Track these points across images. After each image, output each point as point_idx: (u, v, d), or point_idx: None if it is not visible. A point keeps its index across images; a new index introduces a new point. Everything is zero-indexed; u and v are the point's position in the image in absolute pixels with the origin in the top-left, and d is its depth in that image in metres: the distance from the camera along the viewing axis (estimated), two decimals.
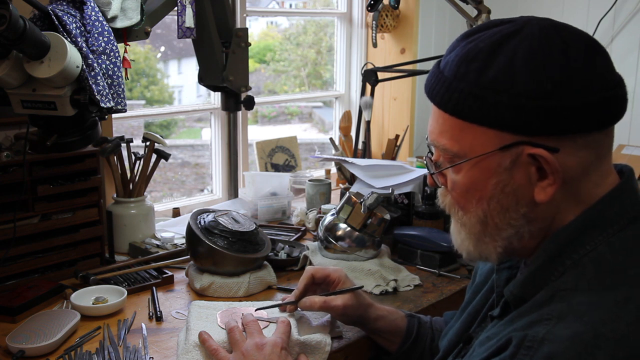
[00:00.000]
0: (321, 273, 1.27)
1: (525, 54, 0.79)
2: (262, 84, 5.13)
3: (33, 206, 1.52)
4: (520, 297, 0.85)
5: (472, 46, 0.83)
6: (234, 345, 1.12)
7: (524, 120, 0.79)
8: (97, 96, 1.25)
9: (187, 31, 1.77)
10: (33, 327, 1.26)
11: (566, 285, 0.79)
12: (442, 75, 0.85)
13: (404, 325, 1.26)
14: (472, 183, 0.86)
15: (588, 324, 0.73)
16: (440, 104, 0.85)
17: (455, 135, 0.84)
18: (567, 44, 0.80)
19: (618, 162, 0.92)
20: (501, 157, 0.82)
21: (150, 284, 1.54)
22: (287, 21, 4.48)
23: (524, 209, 0.84)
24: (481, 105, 0.80)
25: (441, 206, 0.94)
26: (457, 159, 0.86)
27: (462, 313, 1.07)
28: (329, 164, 2.76)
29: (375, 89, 2.42)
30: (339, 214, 1.67)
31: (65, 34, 1.22)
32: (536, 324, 0.76)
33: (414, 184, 1.89)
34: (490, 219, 0.86)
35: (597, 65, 0.80)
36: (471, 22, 2.23)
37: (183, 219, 1.99)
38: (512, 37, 0.81)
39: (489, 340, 0.83)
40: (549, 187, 0.81)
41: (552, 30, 0.81)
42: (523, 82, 0.78)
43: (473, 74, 0.81)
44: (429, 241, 1.69)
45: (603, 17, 2.65)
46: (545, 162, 0.80)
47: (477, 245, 0.89)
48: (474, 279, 1.12)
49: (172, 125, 5.83)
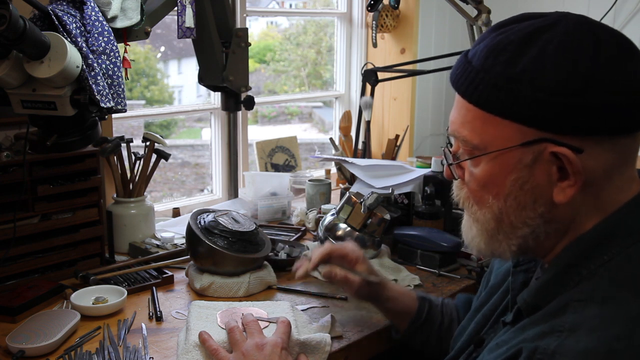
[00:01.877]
0: (338, 252, 1.28)
1: (557, 49, 0.76)
2: (262, 84, 5.13)
3: (33, 206, 1.52)
4: (533, 305, 0.83)
5: (502, 37, 0.81)
6: (234, 345, 1.12)
7: (548, 115, 0.76)
8: (97, 96, 1.24)
9: (187, 31, 1.77)
10: (33, 327, 1.26)
11: (580, 296, 0.77)
12: (469, 65, 0.83)
13: (414, 307, 1.28)
14: (490, 177, 0.83)
15: (601, 339, 0.70)
16: (465, 94, 0.83)
17: (477, 127, 0.82)
18: (600, 41, 0.77)
19: None
20: (522, 153, 0.80)
21: (150, 284, 1.54)
22: (287, 21, 4.48)
23: (542, 208, 0.81)
24: (506, 97, 0.78)
25: (455, 199, 0.92)
26: (477, 151, 0.84)
27: (476, 313, 1.05)
28: (329, 164, 2.76)
29: (375, 89, 2.41)
30: (339, 214, 1.67)
31: (65, 34, 1.22)
32: (548, 335, 0.74)
33: (414, 184, 1.89)
34: (506, 216, 0.83)
35: (629, 66, 0.77)
36: (471, 22, 2.23)
37: (183, 219, 1.99)
38: (545, 31, 0.78)
39: (498, 348, 0.82)
40: (569, 188, 0.79)
41: (586, 26, 0.79)
42: (551, 76, 0.76)
43: (501, 66, 0.79)
44: (429, 241, 1.69)
45: (603, 17, 2.65)
46: (568, 162, 0.77)
47: (489, 242, 0.87)
48: (488, 279, 1.10)
49: (172, 125, 5.82)
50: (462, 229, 0.92)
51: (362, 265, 1.28)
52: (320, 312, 1.41)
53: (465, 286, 1.59)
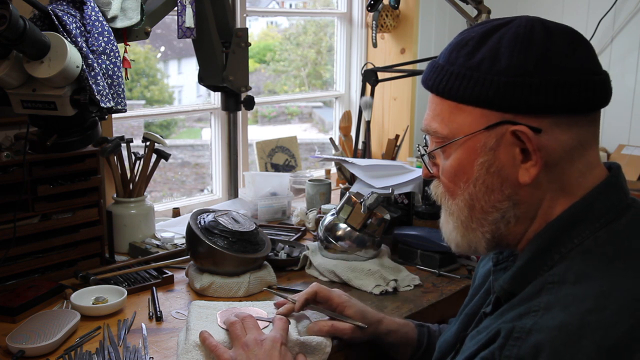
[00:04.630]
0: (324, 294, 1.26)
1: (511, 38, 0.84)
2: (262, 84, 5.13)
3: (33, 206, 1.52)
4: (510, 291, 0.86)
5: (464, 35, 0.89)
6: (234, 339, 1.12)
7: (506, 96, 0.82)
8: (97, 96, 1.25)
9: (187, 31, 1.77)
10: (33, 327, 1.27)
11: (554, 278, 0.81)
12: (436, 63, 0.91)
13: (414, 336, 1.26)
14: (460, 165, 0.89)
15: (575, 314, 0.74)
16: (432, 88, 0.90)
17: (446, 117, 0.88)
18: (550, 32, 0.84)
19: (618, 161, 0.93)
20: (487, 137, 0.85)
21: (150, 284, 1.54)
22: (287, 21, 4.48)
23: (509, 190, 0.86)
24: (467, 84, 0.85)
25: (433, 198, 0.97)
26: (447, 140, 0.89)
27: (461, 314, 1.08)
28: (329, 164, 2.76)
29: (375, 89, 2.41)
30: (339, 214, 1.67)
31: (65, 34, 1.22)
32: (524, 316, 0.78)
33: (414, 184, 1.89)
34: (477, 201, 0.88)
35: (577, 52, 0.84)
36: (471, 22, 2.23)
37: (183, 219, 1.99)
38: (502, 27, 0.86)
39: (479, 334, 0.85)
40: (532, 168, 0.84)
41: (538, 20, 0.86)
42: (506, 61, 0.82)
43: (462, 58, 0.86)
44: (429, 241, 1.69)
45: (603, 17, 2.65)
46: (528, 140, 0.82)
47: (465, 234, 0.91)
48: (473, 282, 1.12)
49: (172, 125, 5.82)
50: (440, 226, 0.97)
51: (350, 309, 1.24)
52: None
53: (465, 286, 1.59)
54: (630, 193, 0.89)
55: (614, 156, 2.68)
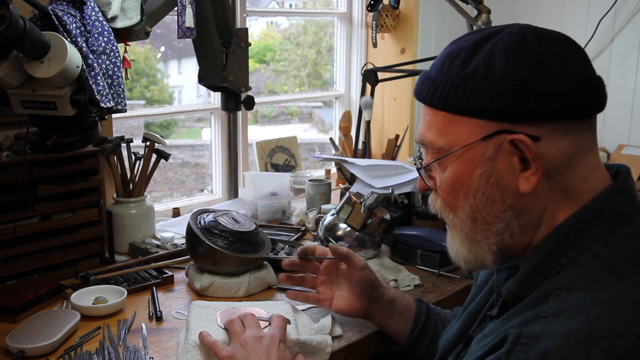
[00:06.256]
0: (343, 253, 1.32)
1: (504, 46, 0.83)
2: (262, 84, 5.13)
3: (33, 206, 1.52)
4: (517, 295, 0.85)
5: (456, 45, 0.88)
6: (233, 336, 1.12)
7: (502, 105, 0.81)
8: (97, 96, 1.25)
9: (187, 31, 1.77)
10: (33, 327, 1.27)
11: (562, 283, 0.79)
12: (428, 75, 0.89)
13: (414, 309, 1.28)
14: (458, 177, 0.87)
15: (584, 321, 0.73)
16: (425, 100, 0.89)
17: (441, 129, 0.87)
18: (543, 39, 0.84)
19: (618, 162, 0.92)
20: (484, 147, 0.84)
21: (150, 284, 1.54)
22: (287, 21, 4.48)
23: (510, 200, 0.85)
24: (462, 94, 0.83)
25: (432, 211, 0.95)
26: (443, 152, 0.88)
27: (463, 313, 1.08)
28: (329, 164, 2.76)
29: (375, 89, 2.41)
30: (339, 214, 1.67)
31: (65, 34, 1.22)
32: (532, 321, 0.77)
33: (414, 184, 1.89)
34: (479, 213, 0.87)
35: (572, 58, 0.83)
36: (471, 22, 2.23)
37: (183, 219, 1.99)
38: (494, 35, 0.85)
39: (485, 338, 0.84)
40: (532, 176, 0.83)
41: (530, 28, 0.85)
42: (501, 70, 0.81)
43: (455, 68, 0.85)
44: (429, 241, 1.69)
45: (603, 17, 2.65)
46: (527, 149, 0.81)
47: (471, 248, 0.89)
48: (476, 280, 1.12)
49: (172, 125, 5.82)
50: (447, 244, 0.95)
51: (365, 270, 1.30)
52: (320, 312, 1.40)
53: (465, 286, 1.59)
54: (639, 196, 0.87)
55: (614, 156, 2.68)
